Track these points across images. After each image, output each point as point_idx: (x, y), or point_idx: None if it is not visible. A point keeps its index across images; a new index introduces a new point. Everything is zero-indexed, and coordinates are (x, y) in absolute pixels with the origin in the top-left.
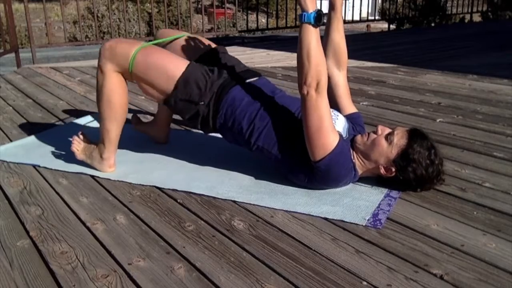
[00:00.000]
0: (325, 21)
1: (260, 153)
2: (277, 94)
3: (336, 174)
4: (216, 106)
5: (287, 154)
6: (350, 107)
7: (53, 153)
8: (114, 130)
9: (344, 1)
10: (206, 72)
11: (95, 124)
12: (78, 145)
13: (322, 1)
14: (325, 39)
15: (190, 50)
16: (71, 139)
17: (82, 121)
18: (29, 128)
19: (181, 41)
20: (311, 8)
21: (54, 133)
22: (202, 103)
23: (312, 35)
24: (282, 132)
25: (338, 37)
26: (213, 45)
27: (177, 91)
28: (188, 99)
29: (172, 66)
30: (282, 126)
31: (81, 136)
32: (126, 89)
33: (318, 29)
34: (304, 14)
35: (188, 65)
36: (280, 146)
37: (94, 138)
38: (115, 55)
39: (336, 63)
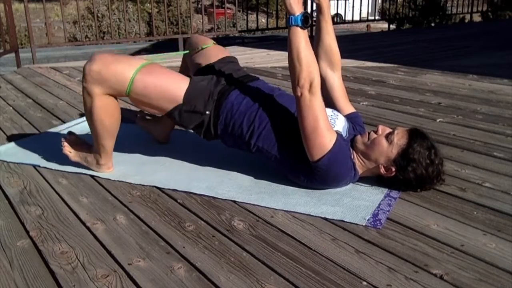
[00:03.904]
0: (314, 18)
1: (260, 154)
2: (275, 93)
3: (335, 173)
4: (216, 112)
5: (287, 154)
6: (348, 108)
7: (53, 153)
8: (108, 143)
9: (344, 2)
10: (207, 82)
11: None
12: (69, 148)
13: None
14: (316, 43)
15: (202, 61)
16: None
17: (82, 121)
18: (29, 128)
19: (200, 53)
20: (297, 11)
21: (54, 133)
22: (208, 112)
23: (300, 37)
24: (281, 132)
25: (329, 39)
26: (226, 54)
27: (181, 106)
28: (193, 110)
29: (174, 87)
30: (282, 126)
31: (70, 137)
32: (117, 104)
33: (306, 31)
34: (291, 17)
35: (190, 81)
36: (280, 146)
37: (90, 138)
38: (107, 79)
39: (330, 65)
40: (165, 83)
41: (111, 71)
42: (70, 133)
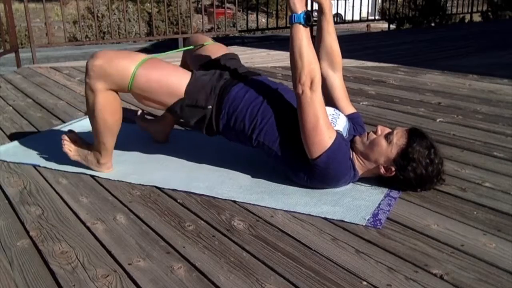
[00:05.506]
0: (315, 18)
1: (260, 149)
2: (278, 88)
3: (335, 171)
4: (218, 107)
5: (287, 151)
6: (348, 108)
7: (53, 153)
8: (110, 141)
9: (344, 2)
10: (210, 77)
11: None
12: (69, 145)
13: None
14: (317, 43)
15: (202, 57)
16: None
17: (82, 120)
18: (29, 128)
19: (199, 49)
20: (300, 9)
21: (54, 133)
22: (210, 107)
23: (302, 35)
24: (283, 128)
25: (330, 39)
26: (227, 51)
27: (183, 100)
28: (195, 104)
29: (176, 80)
30: (284, 122)
31: (70, 135)
32: (120, 102)
33: (308, 29)
34: (294, 15)
35: (191, 75)
36: (281, 143)
37: (89, 137)
38: (109, 74)
39: (331, 65)
40: (167, 77)
41: (114, 66)
42: (70, 131)
